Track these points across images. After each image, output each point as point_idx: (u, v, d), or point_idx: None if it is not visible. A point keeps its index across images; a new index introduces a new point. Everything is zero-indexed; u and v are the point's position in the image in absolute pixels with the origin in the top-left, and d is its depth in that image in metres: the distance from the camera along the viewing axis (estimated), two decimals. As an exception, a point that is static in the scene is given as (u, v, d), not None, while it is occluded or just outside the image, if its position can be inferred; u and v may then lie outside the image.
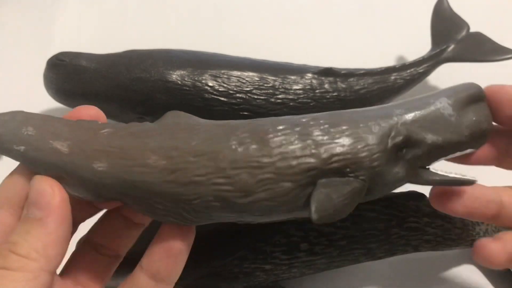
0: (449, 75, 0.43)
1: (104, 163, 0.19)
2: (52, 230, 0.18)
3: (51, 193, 0.18)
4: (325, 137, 0.19)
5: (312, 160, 0.18)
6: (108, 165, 0.19)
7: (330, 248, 0.28)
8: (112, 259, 0.23)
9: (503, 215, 0.22)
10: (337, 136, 0.19)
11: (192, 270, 0.28)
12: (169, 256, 0.19)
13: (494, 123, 0.22)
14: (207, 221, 0.20)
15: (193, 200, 0.18)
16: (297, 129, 0.19)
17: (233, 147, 0.19)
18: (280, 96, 0.37)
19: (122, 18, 0.52)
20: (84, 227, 0.23)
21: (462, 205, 0.21)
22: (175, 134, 0.19)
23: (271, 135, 0.19)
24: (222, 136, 0.19)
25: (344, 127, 0.19)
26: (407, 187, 0.29)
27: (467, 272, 0.33)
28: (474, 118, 0.21)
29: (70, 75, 0.37)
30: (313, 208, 0.18)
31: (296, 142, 0.19)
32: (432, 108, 0.20)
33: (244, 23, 0.51)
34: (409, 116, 0.20)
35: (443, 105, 0.21)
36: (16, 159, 0.19)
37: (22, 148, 0.19)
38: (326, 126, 0.19)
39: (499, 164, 0.23)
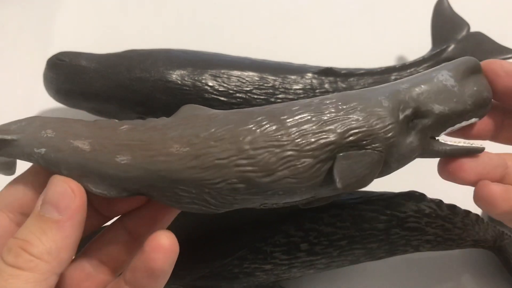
0: (449, 75, 0.43)
1: (127, 156, 0.19)
2: (68, 234, 0.18)
3: (72, 196, 0.18)
4: (339, 113, 0.20)
5: (330, 135, 0.19)
6: (131, 158, 0.19)
7: (330, 248, 0.28)
8: (108, 277, 0.21)
9: (507, 177, 0.23)
10: (350, 111, 0.20)
11: (192, 270, 0.28)
12: (152, 276, 0.19)
13: None
14: (232, 206, 0.20)
15: (217, 184, 0.19)
16: (312, 108, 0.20)
17: (252, 129, 0.19)
18: (280, 96, 0.37)
19: (122, 18, 0.52)
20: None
21: (474, 173, 0.22)
22: (194, 124, 0.20)
23: (286, 116, 0.20)
24: (240, 121, 0.19)
25: (355, 103, 0.20)
26: (408, 186, 0.29)
27: (468, 272, 0.33)
28: (475, 88, 0.22)
29: (70, 75, 0.37)
30: (337, 178, 0.19)
31: (312, 120, 0.19)
32: (435, 80, 0.22)
33: (244, 23, 0.51)
34: (415, 89, 0.21)
35: (444, 77, 0.22)
36: (37, 163, 0.19)
37: (42, 150, 0.19)
38: (339, 103, 0.20)
39: (494, 138, 0.24)
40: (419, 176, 0.24)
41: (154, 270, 0.18)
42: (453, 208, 0.29)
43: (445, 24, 0.43)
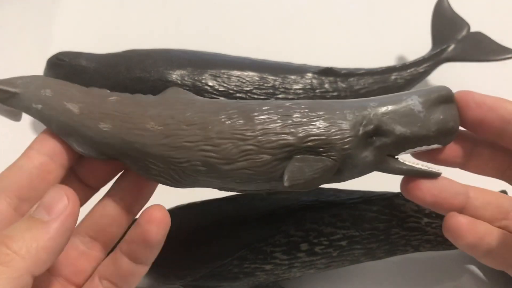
0: (450, 75, 0.43)
1: (108, 125, 0.21)
2: (52, 236, 0.18)
3: (65, 202, 0.19)
4: (304, 119, 0.21)
5: (290, 137, 0.21)
6: (111, 127, 0.21)
7: (330, 248, 0.28)
8: (100, 254, 0.23)
9: (468, 208, 0.23)
10: (315, 119, 0.21)
11: (192, 270, 0.28)
12: (147, 246, 0.21)
13: (461, 127, 0.23)
14: (194, 184, 0.22)
15: (182, 163, 0.21)
16: (280, 110, 0.21)
17: (222, 120, 0.21)
18: (280, 96, 0.37)
19: (122, 18, 0.52)
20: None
21: (429, 194, 0.23)
22: (173, 106, 0.22)
23: (256, 113, 0.21)
24: (214, 110, 0.21)
25: (321, 112, 0.21)
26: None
27: (467, 272, 0.33)
28: (441, 117, 0.22)
29: (70, 75, 0.37)
30: (285, 177, 0.20)
31: (277, 121, 0.21)
32: (404, 104, 0.22)
33: (244, 23, 0.51)
34: (382, 108, 0.22)
35: (413, 102, 0.22)
36: (33, 116, 0.22)
37: (39, 106, 0.21)
38: (306, 110, 0.21)
39: (464, 167, 0.24)
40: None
41: (149, 240, 0.20)
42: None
43: (445, 24, 0.43)
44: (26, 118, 0.23)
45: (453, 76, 0.42)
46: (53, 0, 0.53)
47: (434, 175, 0.23)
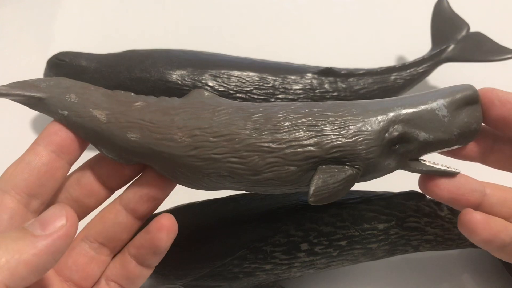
0: (449, 75, 0.43)
1: (136, 134, 0.21)
2: (38, 252, 0.17)
3: (63, 222, 0.18)
4: (329, 129, 0.21)
5: (315, 149, 0.21)
6: (140, 136, 0.21)
7: (330, 248, 0.28)
8: (107, 258, 0.23)
9: (485, 204, 0.23)
10: (340, 129, 0.21)
11: (192, 270, 0.28)
12: (156, 252, 0.22)
13: (483, 124, 0.23)
14: (220, 189, 0.23)
15: (210, 173, 0.21)
16: (305, 119, 0.22)
17: (248, 132, 0.21)
18: (280, 96, 0.37)
19: (122, 18, 0.52)
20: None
21: (447, 191, 0.23)
22: (199, 114, 0.22)
23: (282, 124, 0.21)
24: (240, 120, 0.22)
25: (347, 121, 0.22)
26: (408, 186, 0.29)
27: (467, 272, 0.33)
28: (465, 120, 0.22)
29: (70, 75, 0.37)
30: (311, 192, 0.21)
31: (303, 133, 0.21)
32: (429, 108, 0.22)
33: (245, 23, 0.51)
34: (407, 114, 0.22)
35: (439, 107, 0.22)
36: (60, 121, 0.22)
37: (66, 113, 0.21)
38: (331, 119, 0.22)
39: (484, 161, 0.25)
40: (419, 176, 0.25)
41: (159, 247, 0.22)
42: (452, 208, 0.29)
43: (445, 24, 0.43)
44: (26, 117, 0.23)
45: (452, 77, 0.42)
46: (53, 0, 0.53)
47: (452, 174, 0.23)
